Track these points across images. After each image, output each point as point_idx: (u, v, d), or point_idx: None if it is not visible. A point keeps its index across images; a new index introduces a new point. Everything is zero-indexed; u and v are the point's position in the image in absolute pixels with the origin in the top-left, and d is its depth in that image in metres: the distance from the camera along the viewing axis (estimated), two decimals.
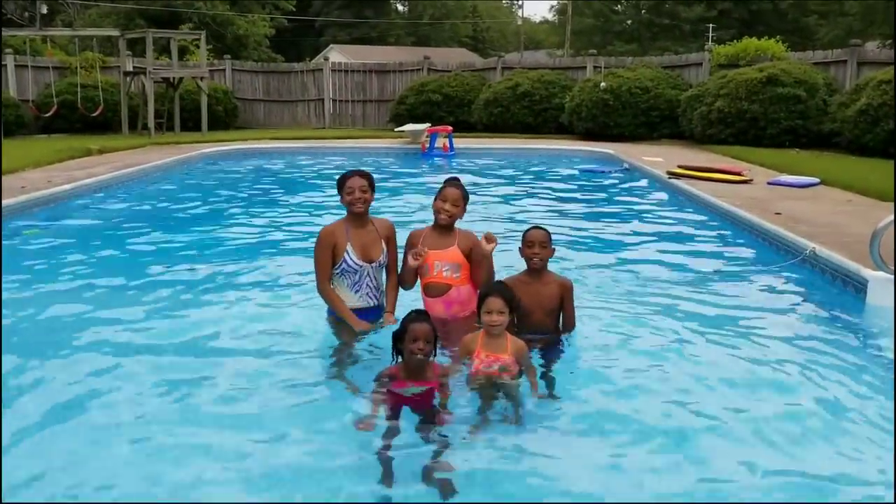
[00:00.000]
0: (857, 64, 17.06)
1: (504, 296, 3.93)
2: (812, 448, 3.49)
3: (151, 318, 5.24)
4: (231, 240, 8.18)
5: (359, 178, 4.63)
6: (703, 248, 7.67)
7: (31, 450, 3.41)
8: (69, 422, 3.68)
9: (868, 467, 3.30)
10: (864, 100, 14.44)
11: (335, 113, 24.74)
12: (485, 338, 3.95)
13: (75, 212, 9.75)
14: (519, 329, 4.44)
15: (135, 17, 37.23)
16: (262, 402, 3.91)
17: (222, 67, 24.79)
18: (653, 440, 3.53)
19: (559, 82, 20.83)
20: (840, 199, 9.63)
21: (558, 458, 3.39)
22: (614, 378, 4.21)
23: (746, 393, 4.07)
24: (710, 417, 3.76)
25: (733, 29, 40.56)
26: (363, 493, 3.10)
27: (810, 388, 4.11)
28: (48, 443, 3.48)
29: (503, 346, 3.93)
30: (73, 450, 3.42)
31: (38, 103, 20.79)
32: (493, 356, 3.91)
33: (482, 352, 3.93)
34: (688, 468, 3.32)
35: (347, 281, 4.64)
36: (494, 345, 3.93)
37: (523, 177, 13.53)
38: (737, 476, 3.25)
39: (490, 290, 3.98)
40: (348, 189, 4.60)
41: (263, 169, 14.82)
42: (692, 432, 3.61)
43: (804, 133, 16.20)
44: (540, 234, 4.49)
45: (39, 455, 3.37)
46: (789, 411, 3.83)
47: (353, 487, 3.14)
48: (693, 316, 5.33)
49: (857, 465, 3.33)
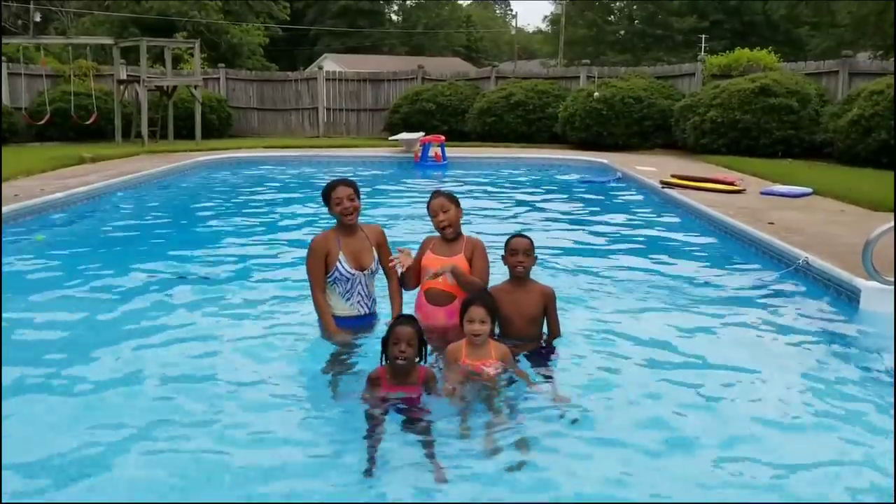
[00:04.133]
0: (849, 75, 17.20)
1: (486, 305, 3.96)
2: (806, 454, 3.49)
3: (141, 326, 5.22)
4: (223, 248, 8.16)
5: (344, 187, 4.63)
6: (696, 258, 7.69)
7: (31, 451, 3.44)
8: (66, 424, 3.70)
9: (863, 473, 3.31)
10: (855, 110, 14.53)
11: (329, 122, 24.75)
12: (468, 347, 3.98)
13: (68, 220, 9.71)
14: (502, 336, 4.48)
15: (129, 26, 37.22)
16: (256, 409, 3.90)
17: (216, 76, 24.78)
18: (639, 445, 3.52)
19: (553, 92, 20.91)
20: (833, 209, 9.67)
21: (548, 461, 3.39)
22: (601, 386, 4.21)
23: (740, 400, 4.07)
24: (701, 424, 3.75)
25: (725, 40, 40.79)
26: (353, 492, 3.13)
27: (804, 397, 4.11)
28: (46, 445, 3.50)
29: (487, 353, 3.96)
30: (73, 452, 3.43)
31: (32, 111, 20.73)
32: (479, 362, 3.93)
33: (467, 360, 3.96)
34: (676, 474, 3.31)
35: (339, 289, 4.64)
36: (479, 353, 3.97)
37: (516, 186, 13.55)
38: (731, 480, 3.25)
39: (472, 300, 4.02)
40: (336, 200, 4.59)
41: (257, 177, 14.80)
42: (680, 438, 3.61)
43: (797, 143, 16.28)
44: (524, 242, 4.51)
45: (39, 456, 3.38)
46: (783, 419, 3.83)
47: (344, 487, 3.17)
48: (685, 325, 5.33)
49: (854, 471, 3.33)
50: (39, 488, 3.15)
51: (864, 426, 3.76)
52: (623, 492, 3.18)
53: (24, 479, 3.18)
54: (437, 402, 3.79)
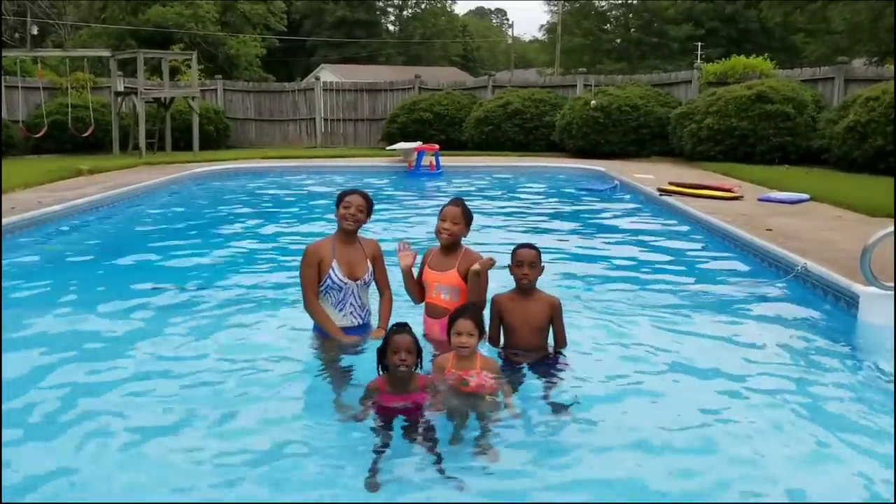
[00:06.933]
0: (845, 81, 17.27)
1: (474, 318, 3.96)
2: (805, 460, 3.49)
3: (137, 337, 5.21)
4: (220, 258, 8.15)
5: (359, 197, 4.68)
6: (694, 265, 7.69)
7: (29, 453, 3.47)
8: (64, 429, 3.72)
9: (862, 477, 3.30)
10: (851, 116, 14.57)
11: (326, 132, 24.78)
12: (455, 360, 3.98)
13: (65, 232, 9.69)
14: (507, 346, 4.49)
15: (126, 38, 37.29)
16: (250, 416, 3.90)
17: (214, 87, 24.82)
18: (642, 453, 3.52)
19: (550, 101, 20.95)
20: (830, 215, 9.68)
21: (547, 467, 3.39)
22: (604, 394, 4.20)
23: (739, 407, 4.06)
24: (701, 431, 3.75)
25: (721, 47, 40.97)
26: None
27: (804, 402, 4.10)
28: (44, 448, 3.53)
29: (474, 366, 3.95)
30: (71, 454, 3.46)
31: (29, 124, 20.75)
32: (464, 372, 3.93)
33: (453, 371, 3.96)
34: (676, 482, 3.30)
35: (332, 299, 4.65)
36: (465, 366, 3.96)
37: (513, 195, 13.55)
38: (730, 485, 3.25)
39: (460, 313, 4.01)
40: (346, 203, 4.63)
41: (254, 188, 14.79)
42: (680, 446, 3.60)
43: (793, 149, 16.31)
44: (531, 253, 4.49)
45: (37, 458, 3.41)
46: (783, 425, 3.82)
47: (347, 497, 3.17)
48: (684, 332, 5.33)
49: (852, 475, 3.33)
50: (39, 488, 3.17)
51: (865, 430, 3.75)
52: (622, 497, 3.18)
53: (24, 480, 3.21)
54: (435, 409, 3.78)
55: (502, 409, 3.84)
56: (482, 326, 4.04)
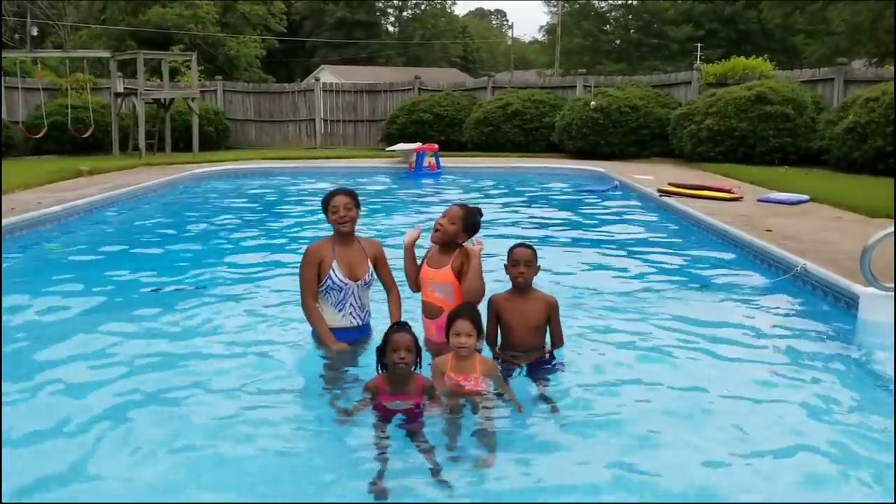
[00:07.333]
0: (844, 82, 17.27)
1: (472, 318, 3.95)
2: (805, 460, 3.48)
3: (137, 337, 5.21)
4: (220, 259, 8.15)
5: (343, 197, 4.65)
6: (694, 266, 7.68)
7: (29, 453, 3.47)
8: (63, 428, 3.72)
9: (863, 478, 3.30)
10: (851, 117, 14.57)
11: (326, 133, 24.78)
12: (454, 360, 3.97)
13: (64, 233, 9.69)
14: (505, 346, 4.47)
15: (126, 39, 37.33)
16: (250, 419, 3.89)
17: (213, 88, 24.83)
18: (642, 452, 3.52)
19: (549, 101, 20.94)
20: (830, 216, 9.68)
21: (545, 468, 3.39)
22: (603, 394, 4.20)
23: (738, 407, 4.06)
24: (701, 432, 3.75)
25: (721, 48, 40.96)
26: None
27: (803, 403, 4.10)
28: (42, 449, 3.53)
29: (472, 367, 3.95)
30: (70, 454, 3.47)
31: (29, 125, 20.74)
32: (463, 377, 3.93)
33: (452, 374, 3.96)
34: (676, 482, 3.29)
35: (332, 299, 4.64)
36: (464, 366, 3.95)
37: (513, 195, 13.54)
38: (730, 486, 3.25)
39: (458, 313, 3.99)
40: (333, 208, 4.62)
41: (254, 189, 14.80)
42: (680, 447, 3.60)
43: (793, 150, 16.30)
44: (526, 252, 4.49)
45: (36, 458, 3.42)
46: (782, 426, 3.82)
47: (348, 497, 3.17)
48: (684, 332, 5.32)
49: (852, 476, 3.33)
50: (39, 489, 3.18)
51: (865, 431, 3.75)
52: (622, 497, 3.18)
53: (24, 480, 3.21)
54: (434, 411, 3.78)
55: (504, 403, 3.85)
56: (481, 326, 4.04)
